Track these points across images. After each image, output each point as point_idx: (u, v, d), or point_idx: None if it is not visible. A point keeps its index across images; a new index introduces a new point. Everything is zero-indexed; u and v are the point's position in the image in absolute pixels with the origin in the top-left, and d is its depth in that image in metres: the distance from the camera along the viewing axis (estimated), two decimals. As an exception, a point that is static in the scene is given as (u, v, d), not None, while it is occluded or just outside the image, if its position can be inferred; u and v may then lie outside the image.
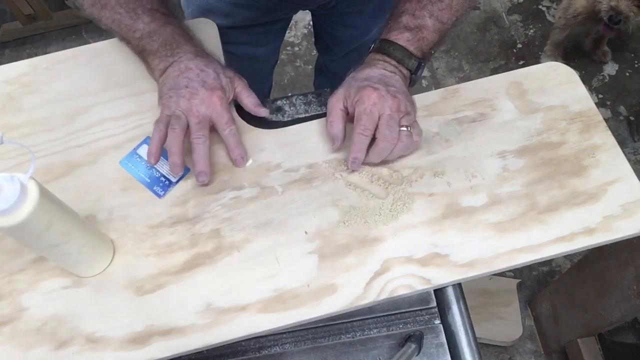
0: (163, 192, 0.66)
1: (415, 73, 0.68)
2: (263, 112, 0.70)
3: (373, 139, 0.63)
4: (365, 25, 1.02)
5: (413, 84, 0.70)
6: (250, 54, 0.99)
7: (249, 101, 0.69)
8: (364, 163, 0.65)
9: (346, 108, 0.66)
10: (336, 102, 0.66)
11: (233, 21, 0.87)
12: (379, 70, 0.66)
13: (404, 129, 0.63)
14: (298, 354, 0.63)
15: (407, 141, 0.63)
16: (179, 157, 0.63)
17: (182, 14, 0.87)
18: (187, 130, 0.64)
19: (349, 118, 0.66)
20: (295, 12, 1.01)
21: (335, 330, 0.64)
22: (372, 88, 0.63)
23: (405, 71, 0.67)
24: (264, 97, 0.75)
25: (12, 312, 0.59)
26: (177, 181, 0.67)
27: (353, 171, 0.66)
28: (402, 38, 0.66)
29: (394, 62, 0.67)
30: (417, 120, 0.65)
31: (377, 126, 0.63)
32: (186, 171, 0.67)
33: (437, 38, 0.67)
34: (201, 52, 0.68)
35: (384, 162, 0.66)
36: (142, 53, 0.69)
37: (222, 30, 0.79)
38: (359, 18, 0.99)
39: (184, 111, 0.64)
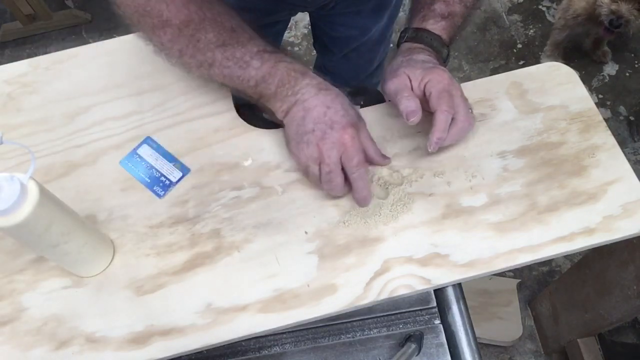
0: (163, 192, 0.66)
1: (445, 61, 0.68)
2: (387, 162, 0.66)
3: None
4: (364, 25, 1.02)
5: None
6: None
7: (373, 149, 0.64)
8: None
9: (412, 88, 0.63)
10: (404, 81, 0.63)
11: None
12: (425, 56, 0.65)
13: (471, 111, 0.63)
14: (298, 354, 0.63)
15: (473, 123, 0.64)
16: (342, 192, 0.62)
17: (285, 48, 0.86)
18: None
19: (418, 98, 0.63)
20: (294, 15, 1.01)
21: (335, 330, 0.64)
22: (440, 70, 0.61)
23: (439, 60, 0.67)
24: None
25: (12, 312, 0.59)
26: (177, 181, 0.67)
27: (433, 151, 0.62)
28: (438, 27, 0.66)
29: (431, 51, 0.66)
30: None
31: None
32: (185, 171, 0.67)
33: (463, 24, 0.67)
34: (322, 83, 0.63)
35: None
36: (261, 100, 0.64)
37: None
38: (357, 18, 0.99)
39: (315, 161, 0.60)
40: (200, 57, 0.62)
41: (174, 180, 0.67)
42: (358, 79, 1.11)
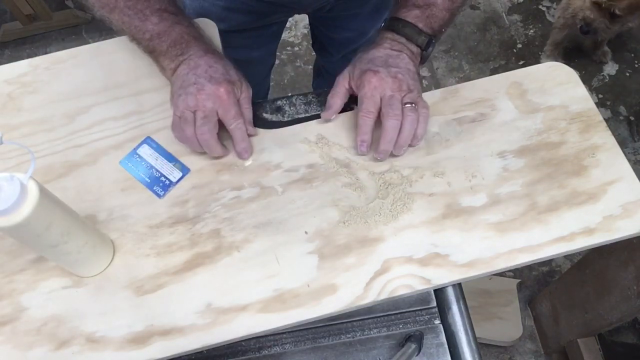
0: (163, 192, 0.66)
1: (425, 49, 0.68)
2: (251, 130, 0.69)
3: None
4: (362, 27, 1.03)
5: (424, 60, 0.71)
6: (246, 57, 0.99)
7: (246, 114, 0.68)
8: (375, 155, 0.67)
9: (351, 87, 0.68)
10: (342, 80, 0.69)
11: (228, 25, 0.87)
12: (385, 50, 0.67)
13: (408, 105, 0.64)
14: (298, 354, 0.63)
15: (413, 115, 0.64)
16: (218, 150, 0.66)
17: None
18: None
19: (353, 98, 0.69)
20: (291, 16, 1.01)
21: (335, 330, 0.64)
22: (372, 72, 0.64)
23: (414, 48, 0.68)
24: (262, 98, 0.75)
25: (12, 312, 0.59)
26: (177, 181, 0.67)
27: (362, 154, 0.67)
28: (410, 15, 0.67)
29: (402, 40, 0.68)
30: (423, 100, 0.66)
31: (380, 108, 0.64)
32: (185, 170, 0.67)
33: (448, 16, 0.68)
34: (211, 49, 0.68)
35: (395, 151, 0.66)
36: (152, 53, 0.69)
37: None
38: (355, 21, 0.99)
39: (191, 109, 0.64)
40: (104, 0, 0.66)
41: (174, 180, 0.67)
42: None
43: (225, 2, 0.87)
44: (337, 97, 0.69)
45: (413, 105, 0.64)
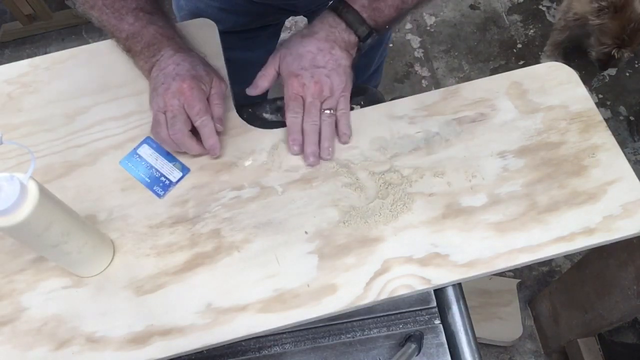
0: (163, 192, 0.66)
1: (363, 41, 0.69)
2: (219, 127, 0.67)
3: None
4: None
5: (361, 52, 0.72)
6: (242, 58, 0.99)
7: (215, 110, 0.67)
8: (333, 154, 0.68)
9: (278, 73, 0.70)
10: (272, 62, 0.70)
11: (223, 26, 0.87)
12: (319, 42, 0.68)
13: (326, 111, 0.66)
14: (298, 354, 0.63)
15: (330, 120, 0.67)
16: (194, 148, 0.65)
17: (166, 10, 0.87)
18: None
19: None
20: (287, 18, 1.01)
21: (335, 330, 0.64)
22: (295, 77, 0.66)
23: (352, 37, 0.69)
24: (261, 98, 0.75)
25: (12, 312, 0.59)
26: (177, 181, 0.67)
27: (294, 154, 0.68)
28: (357, 3, 0.68)
29: (342, 26, 0.68)
30: (346, 97, 0.68)
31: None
32: (185, 170, 0.67)
33: (395, 14, 0.69)
34: (182, 48, 0.68)
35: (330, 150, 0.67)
36: (129, 53, 0.70)
37: None
38: None
39: (162, 110, 0.64)
40: None
41: (174, 180, 0.67)
42: (354, 83, 1.13)
43: (220, 3, 0.87)
44: (266, 79, 0.70)
45: (331, 111, 0.67)
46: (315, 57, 0.67)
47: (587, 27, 1.71)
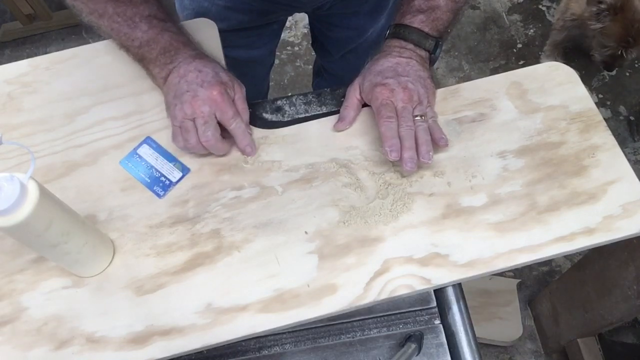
0: (163, 192, 0.66)
1: (433, 52, 0.69)
2: (250, 130, 0.68)
3: None
4: (361, 26, 1.02)
5: (433, 62, 0.72)
6: (246, 56, 0.99)
7: (244, 115, 0.68)
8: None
9: (362, 99, 0.69)
10: (353, 92, 0.70)
11: (228, 24, 0.87)
12: (394, 59, 0.68)
13: (417, 118, 0.65)
14: (298, 354, 0.63)
15: (423, 124, 0.65)
16: (226, 149, 0.67)
17: (178, 17, 0.87)
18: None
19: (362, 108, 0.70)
20: (290, 15, 1.01)
21: (335, 330, 0.64)
22: (382, 85, 0.65)
23: (423, 53, 0.69)
24: (261, 98, 0.75)
25: (12, 312, 0.59)
26: (177, 181, 0.67)
27: (395, 160, 0.64)
28: (416, 21, 0.68)
29: (410, 46, 0.68)
30: (432, 108, 0.68)
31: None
32: (185, 170, 0.67)
33: (452, 16, 0.69)
34: (199, 54, 0.68)
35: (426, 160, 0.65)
36: (142, 61, 0.69)
37: None
38: (354, 19, 0.99)
39: (190, 117, 0.64)
40: (92, 6, 0.65)
41: (174, 180, 0.67)
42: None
43: (226, 1, 0.87)
44: (351, 108, 0.70)
45: (422, 117, 0.65)
46: (396, 69, 0.67)
47: (585, 28, 1.71)
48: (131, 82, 0.74)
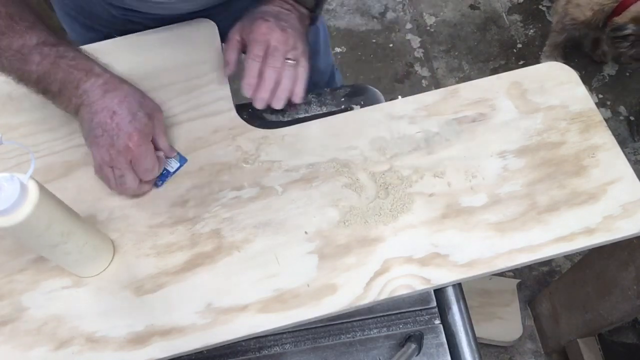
0: (160, 182, 0.66)
1: (313, 11, 0.71)
2: (169, 154, 0.66)
3: None
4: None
5: (313, 22, 0.73)
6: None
7: (162, 144, 0.65)
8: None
9: (242, 39, 0.69)
10: (233, 33, 0.69)
11: None
12: (276, 7, 0.69)
13: (289, 61, 0.65)
14: (298, 354, 0.63)
15: (291, 70, 0.66)
16: (143, 190, 0.64)
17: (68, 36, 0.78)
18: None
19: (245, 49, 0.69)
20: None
21: (335, 330, 0.64)
22: (262, 19, 0.66)
23: (303, 10, 0.70)
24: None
25: (12, 312, 0.59)
26: (175, 171, 0.67)
27: (249, 96, 0.67)
28: None
29: (290, 1, 0.69)
30: (306, 60, 0.68)
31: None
32: (182, 161, 0.67)
33: None
34: (107, 81, 0.61)
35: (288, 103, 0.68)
36: (46, 95, 0.61)
37: None
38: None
39: (107, 164, 0.61)
40: None
41: (171, 170, 0.67)
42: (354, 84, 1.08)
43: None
44: (232, 51, 0.69)
45: (294, 62, 0.65)
46: (278, 14, 0.67)
47: (589, 31, 1.70)
48: (131, 82, 0.74)
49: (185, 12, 0.77)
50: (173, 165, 0.67)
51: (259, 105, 0.67)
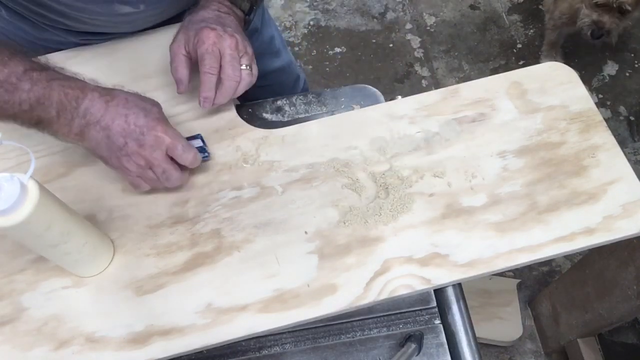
0: (207, 155, 0.66)
1: (248, 14, 0.70)
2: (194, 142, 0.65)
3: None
4: None
5: (247, 26, 0.72)
6: None
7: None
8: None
9: (189, 52, 0.66)
10: (178, 48, 0.66)
11: None
12: (214, 12, 0.68)
13: (244, 67, 0.65)
14: (298, 354, 0.63)
15: (248, 79, 0.66)
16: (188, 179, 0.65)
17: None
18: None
19: (194, 62, 0.66)
20: None
21: (335, 330, 0.64)
22: (209, 28, 0.64)
23: (239, 12, 0.70)
24: (261, 99, 0.74)
25: (12, 312, 0.59)
26: (205, 144, 0.67)
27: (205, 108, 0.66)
28: None
29: (227, 3, 0.69)
30: (255, 62, 0.68)
31: (220, 65, 0.64)
32: (199, 136, 0.67)
33: None
34: (107, 94, 0.59)
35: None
36: (40, 124, 0.58)
37: None
38: None
39: (145, 167, 0.60)
40: None
41: (202, 144, 0.66)
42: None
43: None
44: (181, 68, 0.66)
45: (249, 68, 0.65)
46: (218, 19, 0.66)
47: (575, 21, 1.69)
48: (131, 82, 0.74)
49: (150, 26, 0.77)
50: (199, 142, 0.66)
51: (206, 106, 0.65)
